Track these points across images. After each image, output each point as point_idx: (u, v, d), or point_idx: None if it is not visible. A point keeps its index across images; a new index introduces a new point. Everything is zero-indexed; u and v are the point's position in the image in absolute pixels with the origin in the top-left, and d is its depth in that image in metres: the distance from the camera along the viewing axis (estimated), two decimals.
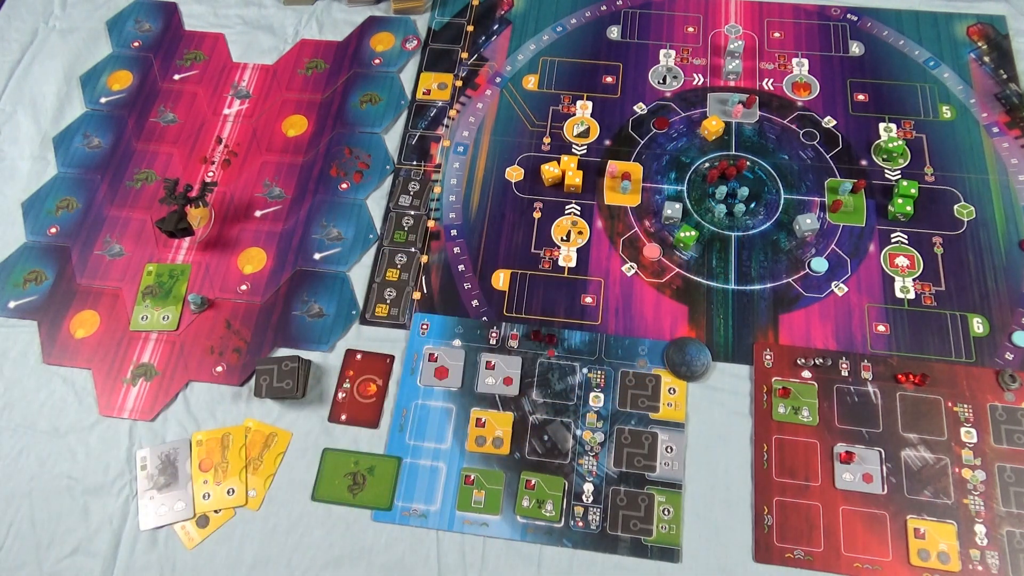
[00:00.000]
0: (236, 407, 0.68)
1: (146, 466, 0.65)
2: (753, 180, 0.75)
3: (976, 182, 0.74)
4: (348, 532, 0.62)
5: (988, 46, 0.81)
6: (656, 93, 0.81)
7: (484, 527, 0.61)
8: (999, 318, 0.67)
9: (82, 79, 0.87)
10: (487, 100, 0.82)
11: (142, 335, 0.71)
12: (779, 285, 0.70)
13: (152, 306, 0.71)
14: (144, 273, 0.73)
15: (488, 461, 0.64)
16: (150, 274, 0.73)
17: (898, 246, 0.71)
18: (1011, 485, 0.60)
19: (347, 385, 0.68)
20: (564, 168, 0.75)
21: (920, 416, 0.63)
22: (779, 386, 0.65)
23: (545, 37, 0.86)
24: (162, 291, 0.72)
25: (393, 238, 0.75)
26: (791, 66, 0.82)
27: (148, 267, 0.73)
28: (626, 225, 0.74)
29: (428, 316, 0.70)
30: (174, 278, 0.72)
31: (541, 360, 0.67)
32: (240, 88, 0.85)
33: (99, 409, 0.68)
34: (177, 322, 0.71)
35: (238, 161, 0.80)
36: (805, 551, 0.59)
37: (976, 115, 0.77)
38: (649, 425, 0.64)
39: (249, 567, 0.61)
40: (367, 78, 0.84)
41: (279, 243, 0.75)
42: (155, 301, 0.71)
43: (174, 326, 0.70)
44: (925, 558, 0.58)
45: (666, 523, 0.61)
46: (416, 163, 0.79)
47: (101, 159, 0.81)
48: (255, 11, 0.91)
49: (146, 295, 0.72)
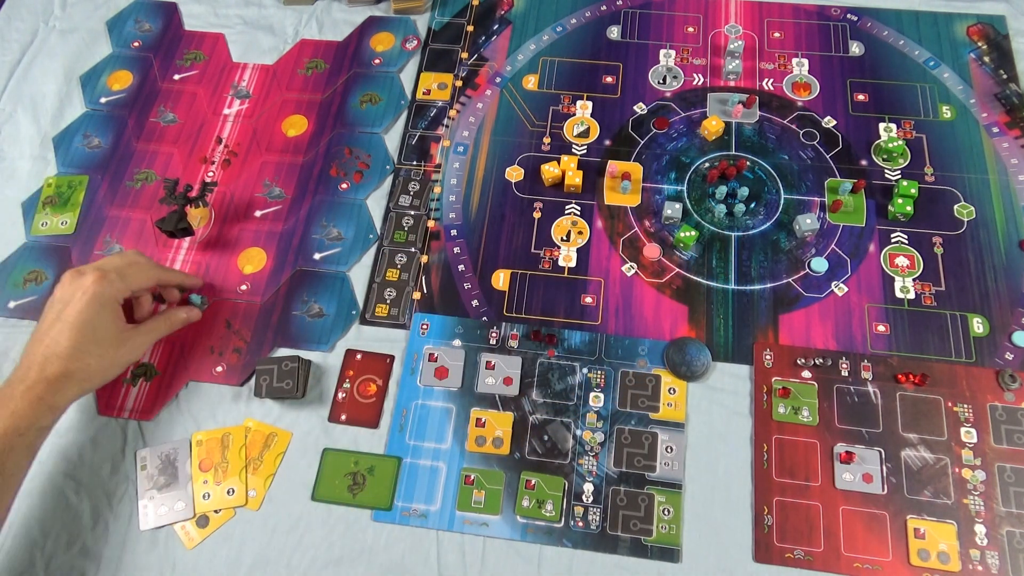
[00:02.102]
0: (236, 407, 0.68)
1: (146, 466, 0.65)
2: (753, 180, 0.75)
3: (976, 182, 0.74)
4: (348, 532, 0.62)
5: (988, 46, 0.81)
6: (656, 93, 0.81)
7: (484, 527, 0.62)
8: (999, 318, 0.67)
9: (82, 79, 0.87)
10: (487, 100, 0.82)
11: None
12: (779, 285, 0.70)
13: (51, 213, 0.77)
14: (44, 185, 0.79)
15: (488, 461, 0.64)
16: (50, 186, 0.79)
17: (898, 246, 0.71)
18: (1011, 485, 0.60)
19: (347, 385, 0.68)
20: (564, 168, 0.75)
21: (920, 416, 0.63)
22: (779, 386, 0.65)
23: (545, 37, 0.86)
24: (60, 200, 0.78)
25: (393, 238, 0.75)
26: (791, 66, 0.82)
27: (48, 179, 0.79)
28: (626, 225, 0.74)
29: (428, 316, 0.70)
30: (72, 188, 0.79)
31: (541, 360, 0.67)
32: (240, 88, 0.85)
33: (99, 409, 0.68)
34: (74, 226, 0.76)
35: (238, 161, 0.80)
36: (805, 551, 0.59)
37: (976, 115, 0.77)
38: (649, 425, 0.64)
39: (249, 567, 0.61)
40: (367, 78, 0.84)
41: (279, 243, 0.75)
42: (54, 209, 0.78)
43: (71, 230, 0.76)
44: (925, 558, 0.58)
45: (666, 523, 0.61)
46: (416, 163, 0.79)
47: (101, 159, 0.81)
48: (255, 11, 0.91)
49: (46, 204, 0.78)
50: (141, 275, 0.64)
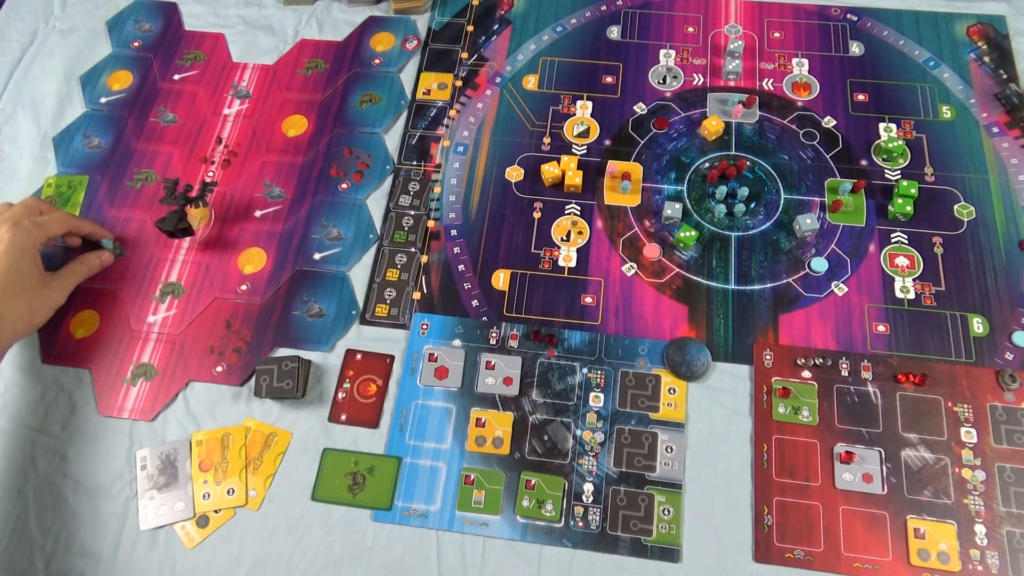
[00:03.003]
0: (236, 407, 0.68)
1: (146, 466, 0.65)
2: (753, 180, 0.75)
3: (976, 182, 0.74)
4: (348, 532, 0.62)
5: (988, 46, 0.81)
6: (656, 93, 0.81)
7: (484, 527, 0.62)
8: (999, 318, 0.67)
9: (82, 79, 0.87)
10: (487, 100, 0.82)
11: (142, 335, 0.71)
12: (779, 285, 0.70)
13: None
14: (44, 185, 0.79)
15: (488, 461, 0.64)
16: (50, 186, 0.79)
17: (898, 246, 0.71)
18: (1011, 485, 0.60)
19: (347, 385, 0.68)
20: (564, 168, 0.75)
21: (920, 416, 0.63)
22: (779, 386, 0.65)
23: (545, 37, 0.86)
24: (61, 200, 0.78)
25: (393, 238, 0.75)
26: (791, 66, 0.82)
27: (48, 180, 0.79)
28: (626, 225, 0.74)
29: (428, 316, 0.70)
30: (72, 188, 0.79)
31: (541, 360, 0.67)
32: (240, 88, 0.85)
33: (99, 409, 0.68)
34: None
35: (238, 161, 0.80)
36: (805, 551, 0.59)
37: (976, 115, 0.77)
38: (649, 425, 0.64)
39: (249, 567, 0.61)
40: (367, 78, 0.84)
41: (279, 243, 0.75)
42: None
43: None
44: (925, 558, 0.58)
45: (666, 523, 0.61)
46: (416, 163, 0.79)
47: (101, 159, 0.81)
48: (255, 11, 0.91)
49: None
50: (54, 223, 0.68)
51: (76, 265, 0.70)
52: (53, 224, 0.68)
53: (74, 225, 0.71)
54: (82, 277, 0.71)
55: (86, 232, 0.73)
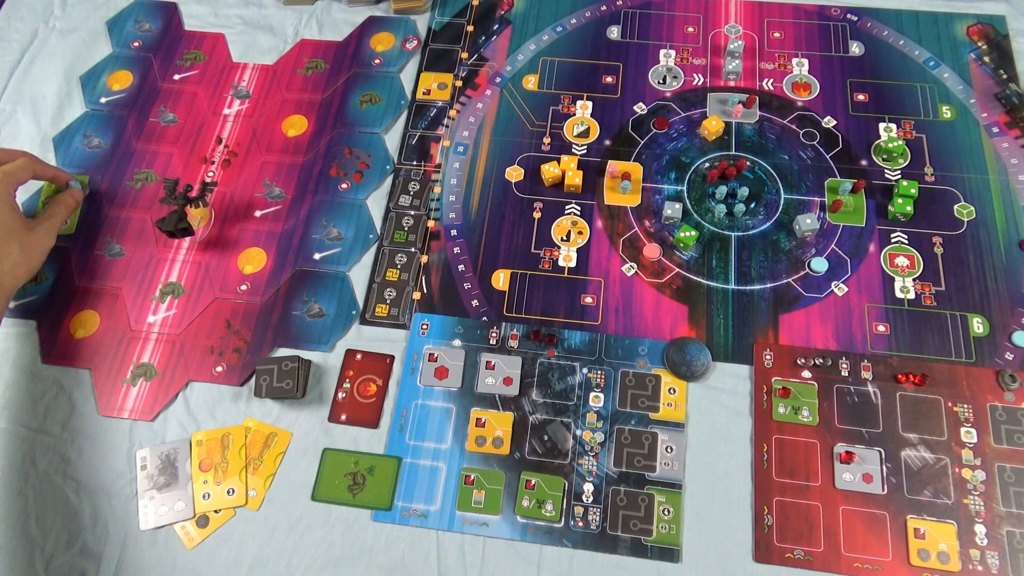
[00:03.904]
0: (236, 407, 0.68)
1: (146, 466, 0.65)
2: (753, 180, 0.75)
3: (976, 182, 0.74)
4: (348, 532, 0.62)
5: (988, 46, 0.81)
6: (656, 93, 0.81)
7: (484, 527, 0.62)
8: (999, 318, 0.67)
9: (82, 79, 0.87)
10: (487, 100, 0.82)
11: (142, 335, 0.71)
12: (779, 285, 0.70)
13: None
14: (44, 185, 0.80)
15: (488, 461, 0.64)
16: (50, 186, 0.79)
17: (898, 246, 0.71)
18: (1011, 485, 0.60)
19: (347, 385, 0.68)
20: (564, 168, 0.75)
21: (920, 416, 0.63)
22: (779, 386, 0.65)
23: (545, 37, 0.86)
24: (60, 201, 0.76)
25: (393, 238, 0.75)
26: (791, 66, 0.82)
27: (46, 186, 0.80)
28: (626, 225, 0.74)
29: (428, 316, 0.70)
30: None
31: (541, 360, 0.67)
32: (240, 88, 0.85)
33: (99, 409, 0.68)
34: (74, 226, 0.77)
35: (238, 161, 0.80)
36: (805, 551, 0.59)
37: (976, 115, 0.77)
38: (649, 425, 0.64)
39: (249, 567, 0.61)
40: (367, 78, 0.84)
41: (279, 243, 0.75)
42: None
43: (71, 230, 0.77)
44: (925, 558, 0.58)
45: (666, 523, 0.61)
46: (416, 163, 0.79)
47: (101, 159, 0.81)
48: (255, 11, 0.91)
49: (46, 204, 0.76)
50: (20, 169, 0.70)
51: (54, 207, 0.73)
52: (20, 171, 0.70)
53: (38, 169, 0.73)
54: (64, 217, 0.73)
55: (49, 176, 0.75)
